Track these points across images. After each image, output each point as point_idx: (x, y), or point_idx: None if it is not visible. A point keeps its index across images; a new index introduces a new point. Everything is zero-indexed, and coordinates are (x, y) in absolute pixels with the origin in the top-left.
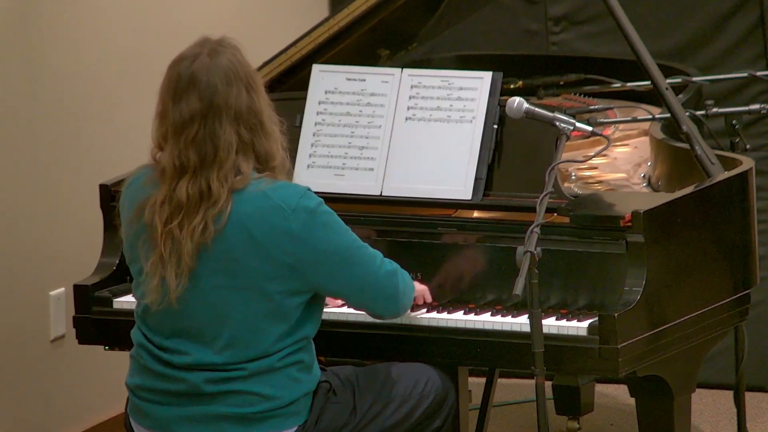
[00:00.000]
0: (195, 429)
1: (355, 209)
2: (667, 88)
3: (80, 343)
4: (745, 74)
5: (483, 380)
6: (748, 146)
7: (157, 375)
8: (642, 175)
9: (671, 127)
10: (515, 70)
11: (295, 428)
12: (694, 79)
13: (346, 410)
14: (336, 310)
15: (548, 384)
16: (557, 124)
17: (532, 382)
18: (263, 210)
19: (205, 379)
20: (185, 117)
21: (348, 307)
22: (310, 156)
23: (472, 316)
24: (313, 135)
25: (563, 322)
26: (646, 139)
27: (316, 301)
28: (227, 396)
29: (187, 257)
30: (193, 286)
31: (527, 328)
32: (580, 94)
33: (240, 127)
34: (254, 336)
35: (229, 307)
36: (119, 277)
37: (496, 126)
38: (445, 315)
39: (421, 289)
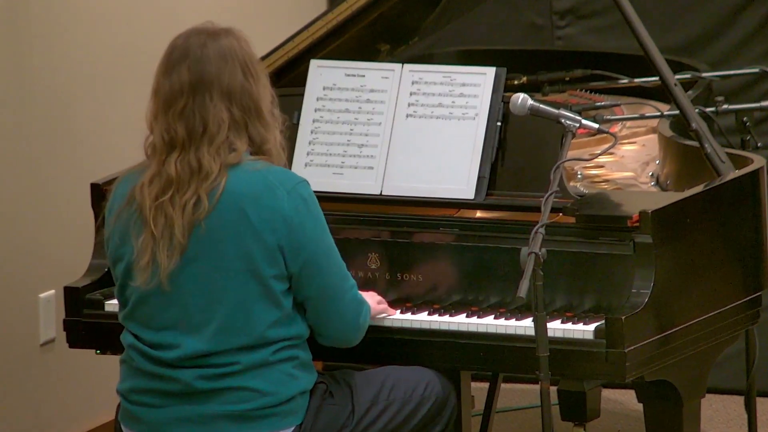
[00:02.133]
0: (190, 430)
1: (355, 209)
2: (675, 84)
3: (71, 347)
4: (756, 70)
5: (486, 385)
6: (759, 144)
7: (149, 375)
8: (650, 173)
9: (680, 124)
10: (519, 66)
11: (292, 428)
12: (704, 74)
13: (344, 412)
14: None
15: (553, 389)
16: (563, 121)
17: (537, 387)
18: (258, 188)
19: (198, 375)
20: (174, 89)
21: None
22: (308, 154)
23: (474, 319)
24: (311, 132)
25: (569, 326)
26: (654, 137)
27: None
28: (221, 393)
29: (179, 235)
30: (183, 268)
31: (531, 332)
32: (586, 91)
33: (232, 105)
34: (245, 320)
35: (219, 289)
36: (111, 279)
37: (499, 123)
38: (447, 318)
39: (381, 308)
